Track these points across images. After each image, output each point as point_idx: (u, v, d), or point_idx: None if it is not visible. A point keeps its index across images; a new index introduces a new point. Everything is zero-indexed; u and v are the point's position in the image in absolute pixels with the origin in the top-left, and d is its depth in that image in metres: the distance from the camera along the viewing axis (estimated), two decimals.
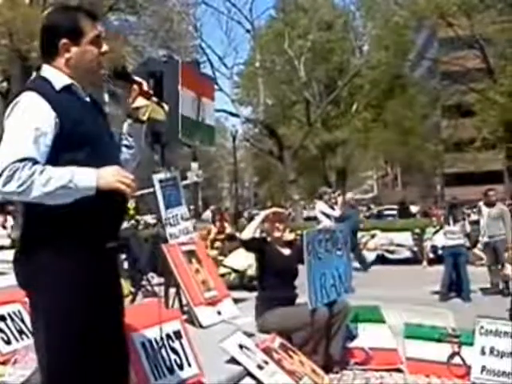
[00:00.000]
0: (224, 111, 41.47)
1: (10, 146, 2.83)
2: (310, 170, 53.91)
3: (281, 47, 42.62)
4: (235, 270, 11.50)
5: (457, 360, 6.33)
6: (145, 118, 3.37)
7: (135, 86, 3.34)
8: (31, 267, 3.01)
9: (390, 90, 47.56)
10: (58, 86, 3.04)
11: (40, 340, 3.07)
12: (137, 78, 3.36)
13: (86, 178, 2.86)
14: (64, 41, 3.05)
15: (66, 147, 2.94)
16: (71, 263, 2.98)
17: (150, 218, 16.06)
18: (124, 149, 3.46)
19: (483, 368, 6.01)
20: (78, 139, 2.97)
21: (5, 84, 30.89)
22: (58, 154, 2.92)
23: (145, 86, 3.33)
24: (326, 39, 47.15)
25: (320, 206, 14.20)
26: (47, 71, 3.10)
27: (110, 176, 2.91)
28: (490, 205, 13.48)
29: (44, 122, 2.89)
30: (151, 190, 8.27)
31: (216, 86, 28.90)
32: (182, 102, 7.63)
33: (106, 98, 32.53)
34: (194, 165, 25.71)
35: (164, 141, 7.93)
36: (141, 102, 3.33)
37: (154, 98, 3.38)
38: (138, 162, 3.57)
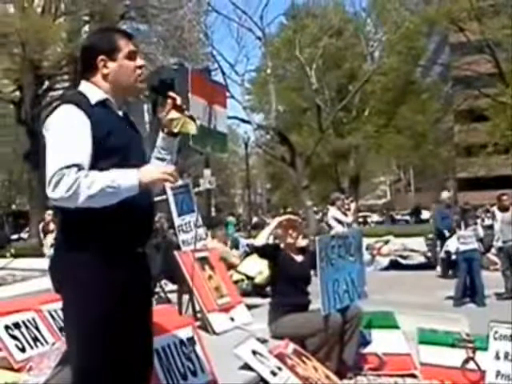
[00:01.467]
0: (236, 118, 41.49)
1: (57, 153, 2.98)
2: (323, 177, 53.93)
3: (292, 54, 42.59)
4: (248, 277, 11.49)
5: (471, 365, 6.30)
6: (176, 130, 3.47)
7: (169, 100, 3.44)
8: (65, 270, 3.15)
9: (402, 95, 47.52)
10: (93, 100, 3.19)
11: (71, 337, 3.22)
12: (171, 93, 3.46)
13: (127, 177, 3.00)
14: (101, 57, 3.23)
15: (98, 157, 3.07)
16: (103, 266, 3.10)
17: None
18: (156, 161, 3.55)
19: (498, 373, 5.97)
20: (109, 150, 3.11)
21: (17, 93, 31.08)
22: (91, 164, 3.05)
23: (178, 101, 3.43)
24: (337, 46, 47.15)
25: (332, 212, 14.16)
26: (84, 87, 3.27)
27: (151, 171, 3.09)
28: (503, 209, 13.42)
29: (83, 130, 3.05)
30: (164, 197, 8.31)
31: (227, 93, 28.93)
32: (192, 110, 7.65)
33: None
34: (207, 171, 25.74)
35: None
36: (174, 114, 3.43)
37: (187, 112, 3.47)
38: None
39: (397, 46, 43.28)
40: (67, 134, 3.01)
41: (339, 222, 13.72)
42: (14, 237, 48.47)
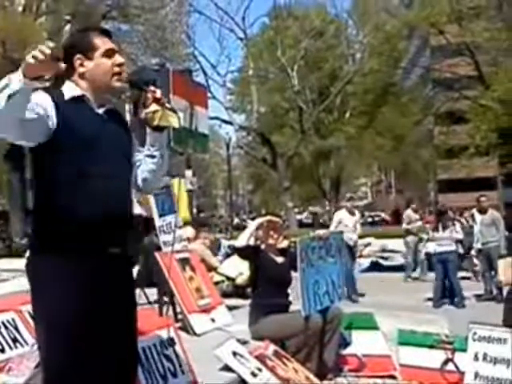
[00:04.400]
0: (217, 119, 41.57)
1: None
2: (304, 178, 54.01)
3: (273, 55, 42.73)
4: (229, 278, 11.48)
5: (450, 366, 6.34)
6: (155, 123, 3.42)
7: (149, 94, 3.41)
8: (36, 269, 3.16)
9: (383, 97, 47.72)
10: (67, 95, 3.21)
11: (41, 341, 3.17)
12: (151, 87, 3.43)
13: (12, 81, 2.78)
14: (78, 56, 3.25)
15: (62, 151, 3.06)
16: (73, 266, 3.07)
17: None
18: (147, 159, 3.53)
19: (476, 374, 6.01)
20: (74, 144, 3.08)
21: None
22: (55, 157, 3.05)
23: (158, 94, 3.40)
24: (319, 47, 47.26)
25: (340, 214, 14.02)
26: (65, 85, 3.28)
27: (30, 65, 2.81)
28: (482, 211, 13.52)
29: (48, 107, 3.04)
30: None
31: (209, 94, 28.94)
32: None
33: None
34: (188, 172, 25.60)
35: None
36: (153, 107, 3.39)
37: (168, 105, 3.44)
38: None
39: (378, 48, 43.50)
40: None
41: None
42: None
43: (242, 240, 6.85)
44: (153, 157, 3.52)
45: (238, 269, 11.13)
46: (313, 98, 47.58)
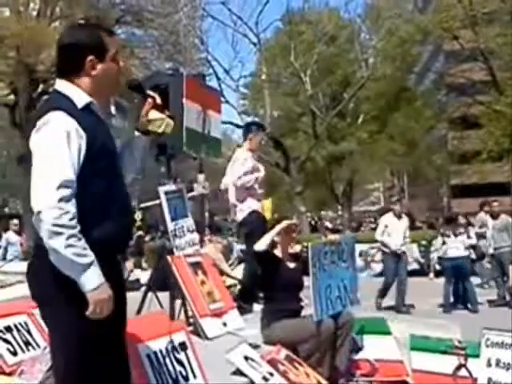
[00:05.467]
0: (230, 123, 41.54)
1: (54, 165, 2.91)
2: (317, 182, 53.86)
3: (287, 60, 42.63)
4: (241, 282, 11.45)
5: (463, 372, 6.31)
6: (160, 130, 3.43)
7: (149, 100, 3.40)
8: (43, 278, 3.10)
9: (396, 102, 47.57)
10: (79, 104, 3.09)
11: (53, 345, 3.19)
12: (151, 92, 3.43)
13: (94, 277, 2.95)
14: (90, 58, 3.11)
15: (91, 161, 3.03)
16: None
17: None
18: None
19: (489, 380, 5.98)
20: (100, 154, 3.06)
21: (12, 97, 31.00)
22: (84, 166, 3.01)
23: (158, 100, 3.39)
24: (332, 52, 47.18)
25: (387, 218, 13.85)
26: (67, 88, 3.15)
27: (104, 297, 2.99)
28: (494, 216, 13.48)
29: (76, 140, 2.98)
30: (157, 201, 8.29)
31: (222, 99, 28.97)
32: (186, 115, 7.67)
33: (113, 110, 32.71)
34: (201, 176, 25.66)
35: (169, 153, 7.96)
36: (155, 114, 3.40)
37: (167, 112, 3.44)
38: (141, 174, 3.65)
39: (391, 53, 43.41)
40: (61, 146, 2.93)
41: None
42: None
43: (262, 245, 6.83)
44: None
45: None
46: (326, 102, 47.43)
